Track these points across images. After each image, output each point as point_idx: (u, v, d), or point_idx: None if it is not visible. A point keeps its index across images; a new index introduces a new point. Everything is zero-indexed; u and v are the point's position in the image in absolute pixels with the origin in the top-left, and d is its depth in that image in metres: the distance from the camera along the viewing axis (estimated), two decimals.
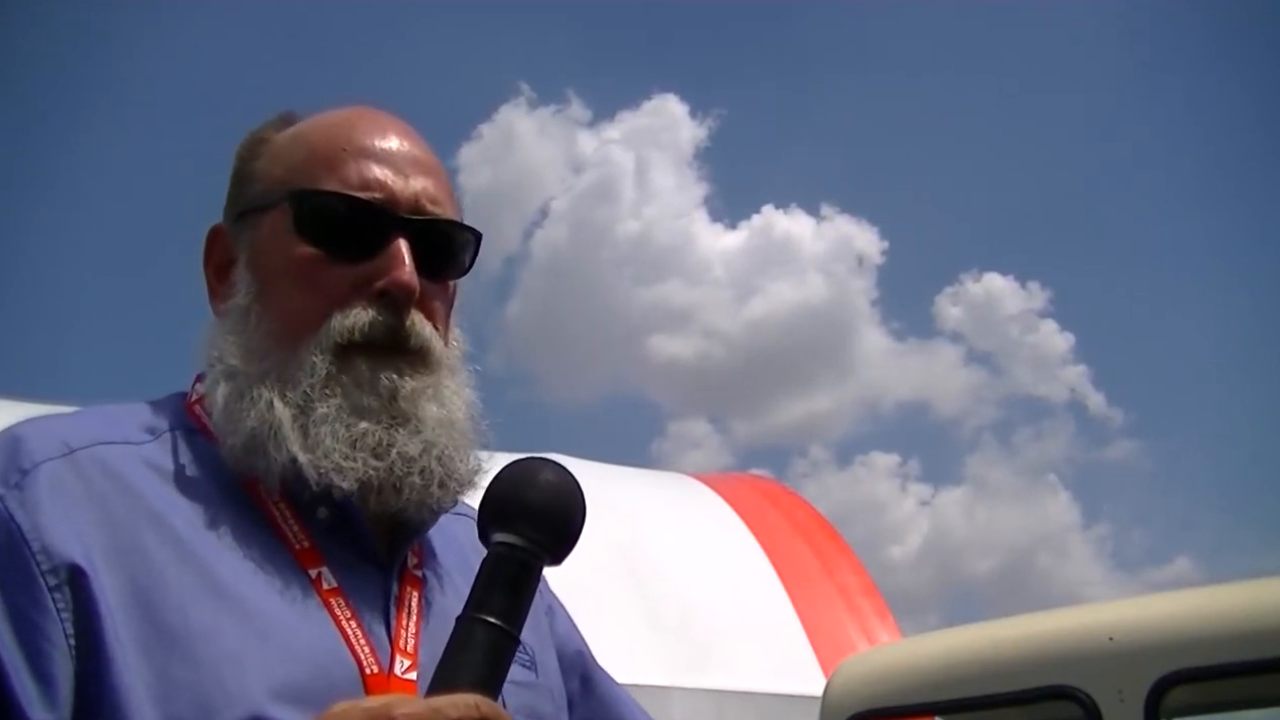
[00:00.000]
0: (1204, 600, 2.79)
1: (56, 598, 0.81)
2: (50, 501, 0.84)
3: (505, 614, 0.80)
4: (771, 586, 8.59)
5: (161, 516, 0.88)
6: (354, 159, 0.99)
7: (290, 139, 1.03)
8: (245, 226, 1.02)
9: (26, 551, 0.81)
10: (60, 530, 0.83)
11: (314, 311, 0.96)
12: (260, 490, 0.93)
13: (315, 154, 1.00)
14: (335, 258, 0.97)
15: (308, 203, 0.98)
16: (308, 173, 0.99)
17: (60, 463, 0.87)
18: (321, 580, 0.91)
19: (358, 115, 1.04)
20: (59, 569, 0.81)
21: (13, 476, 0.85)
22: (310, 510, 0.94)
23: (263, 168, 1.03)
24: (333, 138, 1.01)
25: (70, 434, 0.90)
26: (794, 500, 10.24)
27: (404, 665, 0.91)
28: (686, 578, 7.27)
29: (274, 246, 0.99)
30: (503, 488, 0.87)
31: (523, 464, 0.88)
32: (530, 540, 0.83)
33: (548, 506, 0.85)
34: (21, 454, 0.87)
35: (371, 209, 0.97)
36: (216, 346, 0.97)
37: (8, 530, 0.82)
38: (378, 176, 0.98)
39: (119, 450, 0.91)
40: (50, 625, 0.80)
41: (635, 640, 3.62)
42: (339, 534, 0.94)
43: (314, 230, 0.97)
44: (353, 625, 0.90)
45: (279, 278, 0.98)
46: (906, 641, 4.31)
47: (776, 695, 5.53)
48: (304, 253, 0.97)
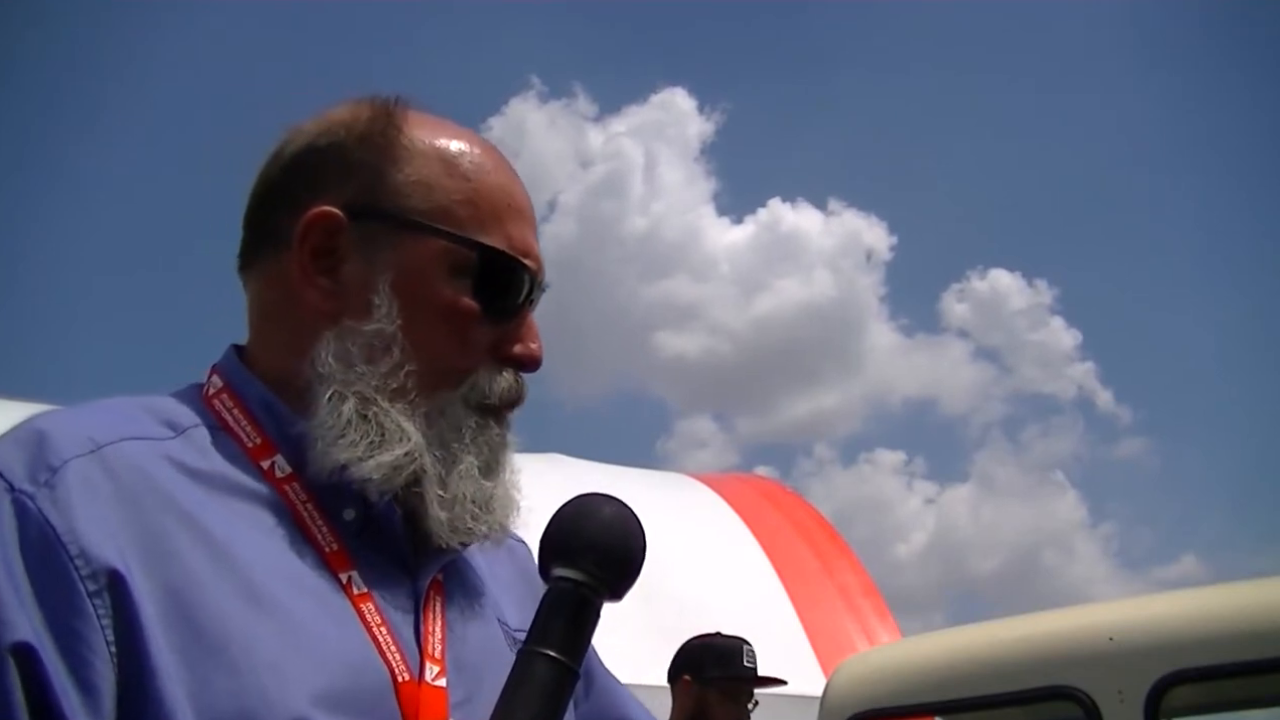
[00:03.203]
0: (1204, 600, 2.79)
1: (96, 604, 0.78)
2: (83, 502, 0.81)
3: (565, 648, 0.82)
4: (771, 586, 8.59)
5: (192, 517, 0.85)
6: (515, 218, 0.99)
7: (440, 159, 0.98)
8: (381, 236, 0.96)
9: (64, 555, 0.78)
10: (96, 533, 0.80)
11: (460, 364, 0.95)
12: (289, 490, 0.92)
13: (480, 200, 0.98)
14: (486, 315, 0.96)
15: (489, 261, 0.96)
16: (475, 220, 0.97)
17: (88, 460, 0.83)
18: (352, 585, 0.90)
19: (499, 160, 1.03)
20: (98, 574, 0.78)
21: (42, 474, 0.81)
22: (337, 511, 0.92)
23: (407, 179, 0.97)
24: (496, 187, 0.99)
25: (95, 429, 0.86)
26: (794, 500, 10.24)
27: (433, 672, 0.90)
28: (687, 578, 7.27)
29: (429, 282, 0.95)
30: (564, 523, 0.88)
31: (584, 500, 0.89)
32: (591, 575, 0.85)
33: (609, 542, 0.87)
34: (48, 450, 0.83)
35: (532, 280, 0.99)
36: (343, 361, 0.93)
37: (43, 533, 0.79)
38: (531, 244, 1.00)
39: (145, 446, 0.88)
40: (91, 632, 0.77)
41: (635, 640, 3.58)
42: (366, 537, 0.93)
43: (485, 288, 0.96)
44: (383, 631, 0.89)
45: (430, 317, 0.95)
46: (906, 641, 4.31)
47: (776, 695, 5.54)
48: (466, 305, 0.95)
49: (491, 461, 0.96)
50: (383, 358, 0.93)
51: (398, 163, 0.97)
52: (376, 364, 0.93)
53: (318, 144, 0.99)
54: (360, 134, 0.99)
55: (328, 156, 0.98)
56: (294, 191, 0.98)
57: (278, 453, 0.93)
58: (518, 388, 0.98)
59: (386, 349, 0.93)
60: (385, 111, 1.00)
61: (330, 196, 0.96)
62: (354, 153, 0.98)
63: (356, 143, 0.98)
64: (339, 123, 1.00)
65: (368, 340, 0.93)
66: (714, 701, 3.06)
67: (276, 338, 0.98)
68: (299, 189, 0.98)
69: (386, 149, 0.98)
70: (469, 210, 0.97)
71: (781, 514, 9.62)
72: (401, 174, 0.97)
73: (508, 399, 0.97)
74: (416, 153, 0.98)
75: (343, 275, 0.95)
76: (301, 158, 0.99)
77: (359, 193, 0.97)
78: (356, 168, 0.97)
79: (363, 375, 0.92)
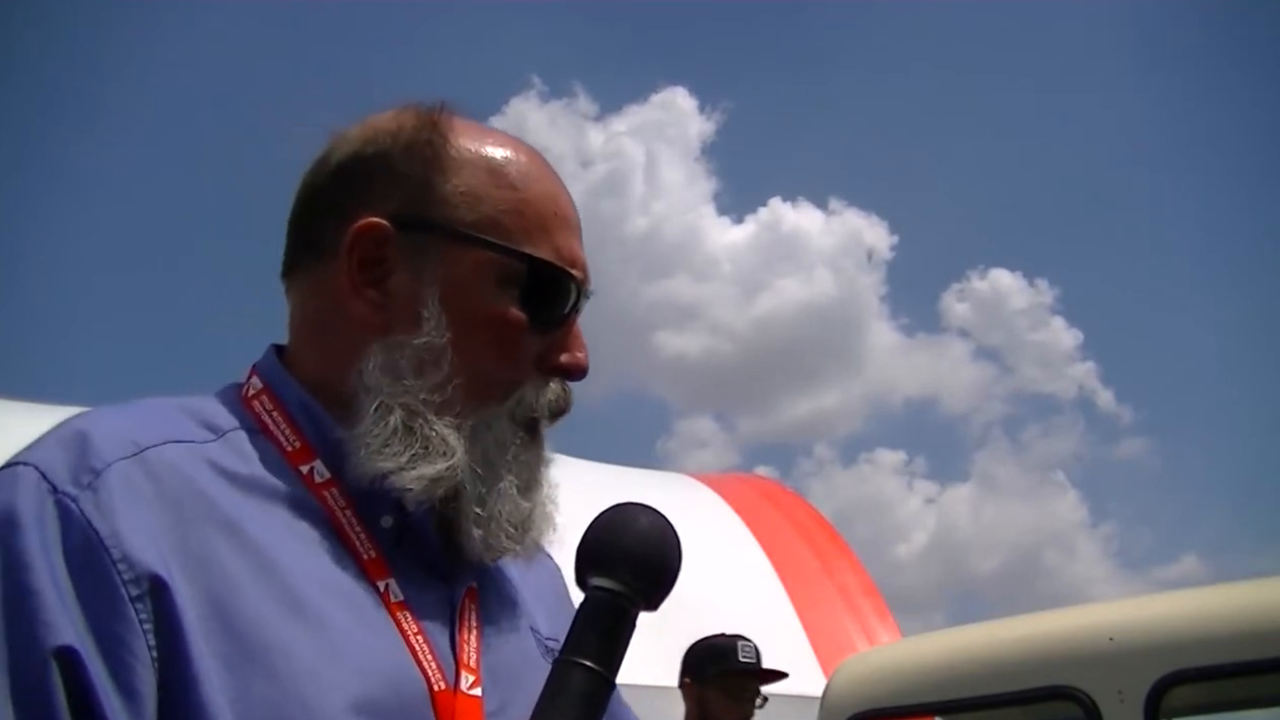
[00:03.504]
0: (1204, 600, 2.79)
1: (138, 608, 0.77)
2: (126, 505, 0.81)
3: (601, 657, 0.82)
4: (771, 586, 8.59)
5: (233, 522, 0.85)
6: (562, 228, 0.98)
7: (486, 168, 0.98)
8: (429, 247, 0.95)
9: (107, 560, 0.78)
10: (139, 537, 0.79)
11: (508, 376, 0.95)
12: (328, 496, 0.92)
13: (527, 210, 0.97)
14: (534, 326, 0.96)
15: (537, 272, 0.96)
16: (522, 229, 0.96)
17: (131, 463, 0.83)
18: (389, 593, 0.89)
19: (544, 168, 1.02)
20: (140, 579, 0.78)
21: (84, 477, 0.81)
22: (375, 518, 0.92)
23: (455, 190, 0.96)
24: (542, 196, 0.99)
25: (136, 431, 0.86)
26: (794, 500, 10.23)
27: (469, 681, 0.90)
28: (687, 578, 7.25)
29: (478, 294, 0.95)
30: (601, 533, 0.87)
31: (621, 509, 0.89)
32: (627, 585, 0.85)
33: (645, 552, 0.87)
34: (91, 453, 0.83)
35: (579, 290, 0.98)
36: (391, 374, 0.93)
37: (85, 537, 0.79)
38: (577, 252, 0.99)
39: (187, 449, 0.87)
40: (133, 638, 0.77)
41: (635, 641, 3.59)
42: (402, 545, 0.93)
43: (533, 298, 0.96)
44: (419, 640, 0.89)
45: (478, 329, 0.94)
46: (906, 641, 4.31)
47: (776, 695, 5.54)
48: (514, 316, 0.95)
49: (530, 480, 0.96)
50: (431, 371, 0.93)
51: (445, 173, 0.97)
52: (425, 377, 0.92)
53: (364, 153, 0.98)
54: (406, 143, 0.98)
55: (374, 166, 0.98)
56: (340, 201, 0.98)
57: (317, 458, 0.93)
58: (565, 397, 0.98)
59: (435, 362, 0.93)
60: (431, 120, 0.99)
61: (377, 206, 0.96)
62: (400, 162, 0.97)
63: (403, 152, 0.98)
64: (384, 131, 0.99)
65: (416, 353, 0.93)
66: (713, 699, 3.07)
67: (321, 346, 0.98)
68: (345, 198, 0.97)
69: (433, 159, 0.97)
70: (516, 220, 0.96)
71: (781, 514, 9.62)
72: (449, 184, 0.96)
73: (555, 409, 0.98)
74: (463, 162, 0.97)
75: (390, 287, 0.95)
76: (347, 167, 0.99)
77: (406, 203, 0.96)
78: (403, 178, 0.97)
79: (410, 388, 0.92)
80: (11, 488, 0.81)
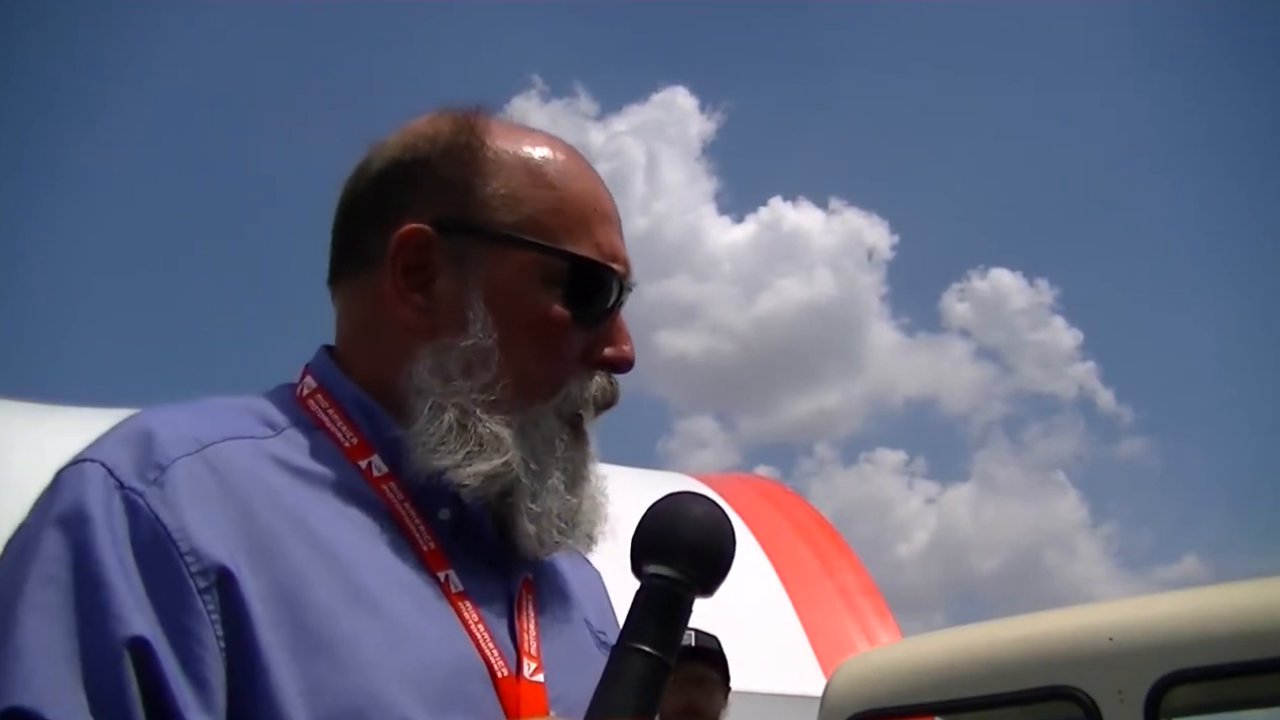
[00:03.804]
0: (1204, 600, 2.79)
1: (206, 600, 0.80)
2: (192, 500, 0.83)
3: (659, 643, 0.83)
4: (771, 586, 8.59)
5: (296, 515, 0.87)
6: (601, 223, 1.00)
7: (525, 169, 0.99)
8: (472, 251, 0.97)
9: (175, 553, 0.80)
10: (206, 531, 0.82)
11: (554, 374, 0.97)
12: (387, 490, 0.93)
13: (567, 208, 0.98)
14: (578, 323, 0.97)
15: (579, 269, 0.97)
16: (563, 228, 0.97)
17: (194, 459, 0.85)
18: (450, 583, 0.91)
19: (581, 165, 1.03)
20: (208, 571, 0.80)
21: (150, 473, 0.83)
22: (433, 511, 0.94)
23: (494, 191, 0.98)
24: (581, 193, 1.00)
25: (197, 428, 0.88)
26: (794, 500, 10.24)
27: (531, 667, 0.92)
28: None
29: (521, 295, 0.96)
30: (656, 521, 0.89)
31: (676, 498, 0.91)
32: (683, 573, 0.86)
33: (699, 540, 0.88)
34: (155, 449, 0.85)
35: (621, 284, 1.00)
36: (441, 375, 0.95)
37: (154, 531, 0.81)
38: (619, 249, 1.01)
39: (248, 445, 0.90)
40: (202, 629, 0.79)
41: None
42: (460, 535, 0.95)
43: (577, 298, 0.97)
44: (480, 629, 0.91)
45: (524, 329, 0.96)
46: (906, 641, 4.31)
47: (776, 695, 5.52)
48: (558, 314, 0.96)
49: (576, 475, 0.98)
50: (479, 371, 0.94)
51: (484, 175, 0.98)
52: (474, 378, 0.94)
53: (403, 159, 1.00)
54: (444, 148, 0.99)
55: (414, 172, 0.99)
56: (381, 208, 0.99)
57: (374, 452, 0.95)
58: (611, 390, 1.00)
59: (484, 363, 0.95)
60: (468, 124, 1.01)
61: (418, 212, 0.97)
62: (440, 168, 0.99)
63: (441, 157, 0.99)
64: (422, 137, 1.01)
65: (464, 355, 0.95)
66: None
67: (371, 349, 0.99)
68: (386, 206, 0.99)
69: (471, 162, 0.99)
70: (556, 219, 0.98)
71: (781, 514, 9.63)
72: (488, 187, 0.98)
73: (602, 401, 1.00)
74: (501, 164, 0.99)
75: (436, 291, 0.97)
76: (387, 174, 1.00)
77: (447, 208, 0.98)
78: (443, 183, 0.98)
79: (460, 389, 0.94)
80: (79, 484, 0.83)
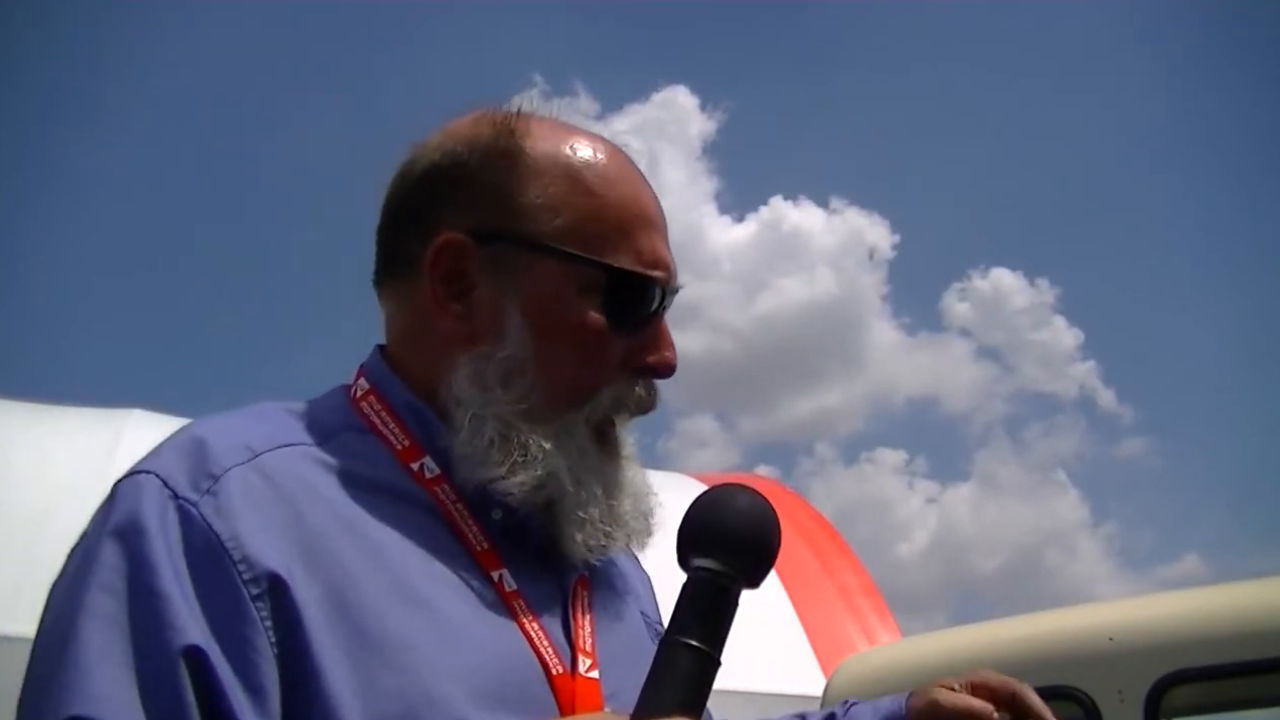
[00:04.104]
0: (1204, 600, 2.79)
1: (259, 606, 0.81)
2: (245, 509, 0.84)
3: (706, 636, 0.83)
4: (771, 586, 8.59)
5: (348, 519, 0.88)
6: (643, 230, 0.99)
7: (565, 175, 0.98)
8: (510, 259, 0.97)
9: (228, 561, 0.82)
10: (258, 538, 0.83)
11: (590, 381, 0.97)
12: (439, 491, 0.94)
13: (606, 215, 0.98)
14: (617, 330, 0.97)
15: (618, 280, 0.97)
16: (602, 236, 0.97)
17: (247, 468, 0.87)
18: (503, 582, 0.92)
19: (624, 168, 1.02)
20: (260, 578, 0.82)
21: (204, 483, 0.85)
22: (485, 511, 0.94)
23: (532, 199, 0.97)
24: (621, 199, 0.99)
25: (250, 437, 0.90)
26: (794, 500, 10.23)
27: (586, 664, 0.93)
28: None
29: (558, 304, 0.96)
30: (701, 514, 0.89)
31: (720, 490, 0.91)
32: (728, 565, 0.86)
33: (745, 532, 0.88)
34: (208, 459, 0.86)
35: (663, 291, 0.99)
36: (480, 386, 0.95)
37: (207, 540, 0.82)
38: (661, 254, 1.00)
39: (299, 451, 0.91)
40: (256, 635, 0.80)
41: None
42: (513, 535, 0.95)
43: (615, 306, 0.97)
44: (534, 627, 0.91)
45: (561, 339, 0.96)
46: (906, 641, 4.31)
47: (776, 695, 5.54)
48: (595, 322, 0.96)
49: (612, 480, 0.98)
50: (516, 380, 0.95)
51: (522, 182, 0.98)
52: (510, 388, 0.95)
53: (442, 164, 1.00)
54: (484, 153, 0.99)
55: (453, 177, 0.99)
56: (422, 214, 1.00)
57: (426, 454, 0.95)
58: (649, 398, 1.00)
59: (520, 373, 0.95)
60: (508, 127, 1.00)
61: (457, 219, 0.97)
62: (479, 174, 0.98)
63: (481, 163, 0.99)
64: (462, 140, 1.00)
65: (501, 365, 0.95)
66: None
67: (417, 355, 1.00)
68: (426, 211, 0.99)
69: (510, 169, 0.98)
70: (596, 226, 0.97)
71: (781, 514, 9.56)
72: (526, 196, 0.97)
73: (641, 407, 1.00)
74: (540, 170, 0.98)
75: (474, 300, 0.97)
76: (428, 178, 1.00)
77: (486, 217, 0.97)
78: (481, 190, 0.98)
79: (499, 400, 0.94)
80: (135, 495, 0.84)
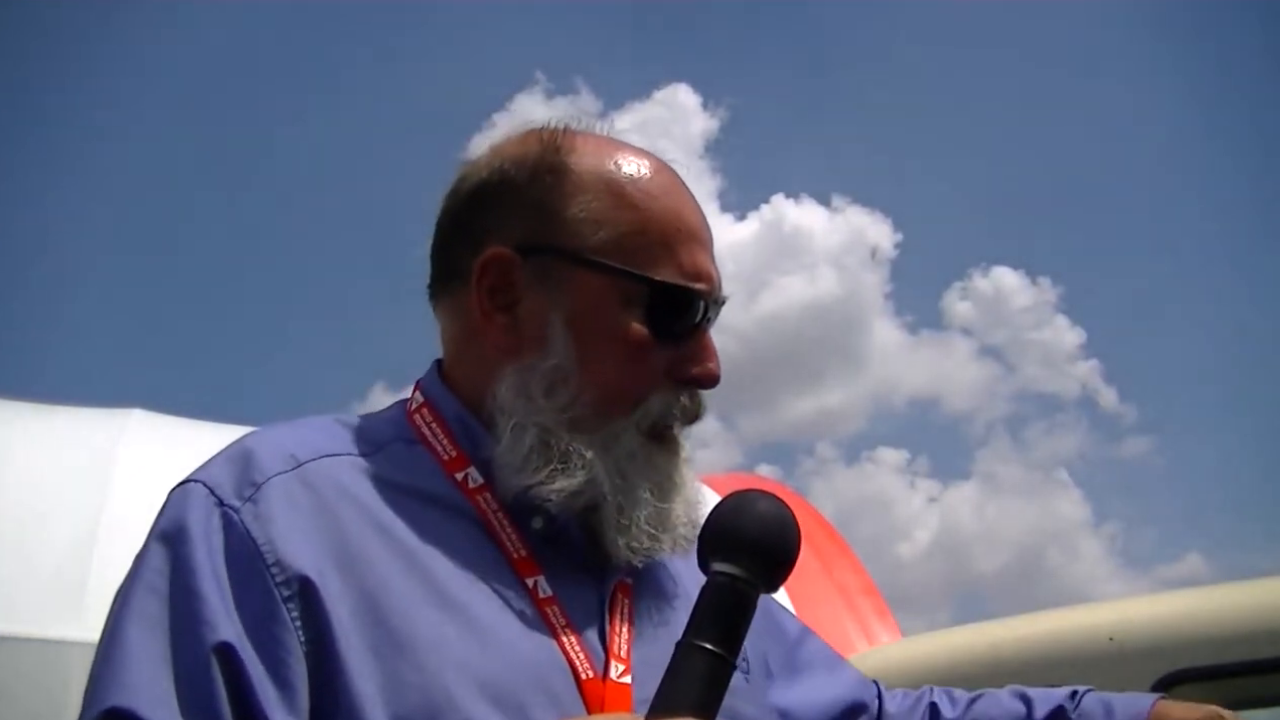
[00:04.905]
0: (1206, 600, 2.78)
1: (290, 607, 0.86)
2: (282, 514, 0.89)
3: (723, 640, 0.84)
4: None
5: (385, 526, 0.92)
6: (686, 243, 1.02)
7: (609, 190, 1.01)
8: (554, 272, 1.00)
9: (262, 564, 0.86)
10: (293, 543, 0.88)
11: (634, 391, 1.00)
12: (481, 500, 0.97)
13: (650, 228, 1.01)
14: (660, 341, 1.00)
15: (660, 293, 0.99)
16: (645, 249, 1.00)
17: (289, 476, 0.92)
18: (538, 589, 0.95)
19: (668, 183, 1.04)
20: (292, 580, 0.86)
21: (246, 490, 0.90)
22: (526, 520, 0.97)
23: (576, 215, 1.01)
24: (664, 213, 1.02)
25: (297, 447, 0.95)
26: (794, 500, 10.24)
27: (619, 670, 0.95)
28: None
29: (602, 316, 0.99)
30: (722, 519, 0.91)
31: (741, 495, 0.93)
32: (747, 569, 0.87)
33: (764, 538, 0.89)
34: (253, 468, 0.92)
35: (706, 303, 1.02)
36: (524, 396, 0.98)
37: (244, 544, 0.87)
38: (704, 266, 1.03)
39: (343, 462, 0.96)
40: (287, 635, 0.85)
41: None
42: (553, 543, 0.98)
43: (658, 319, 0.99)
44: (568, 632, 0.94)
45: (604, 350, 0.99)
46: (907, 641, 4.30)
47: None
48: (638, 334, 0.99)
49: (664, 482, 1.01)
50: (560, 390, 0.98)
51: (566, 197, 1.02)
52: (554, 397, 0.98)
53: (490, 181, 1.04)
54: (530, 169, 1.03)
55: (501, 193, 1.03)
56: (471, 229, 1.04)
57: (471, 464, 0.99)
58: (694, 408, 1.03)
59: (564, 382, 0.98)
60: (553, 145, 1.04)
61: (505, 234, 1.02)
62: (525, 190, 1.03)
63: (527, 179, 1.03)
64: (509, 158, 1.05)
65: (546, 376, 0.98)
66: None
67: (467, 367, 1.04)
68: (475, 227, 1.04)
69: (555, 185, 1.02)
70: (639, 240, 1.00)
71: None
72: (570, 210, 1.01)
73: (686, 417, 1.03)
74: (585, 185, 1.02)
75: (520, 312, 1.01)
76: (476, 195, 1.05)
77: (531, 231, 1.01)
78: (527, 205, 1.02)
79: (542, 408, 0.98)
80: (184, 503, 0.91)
